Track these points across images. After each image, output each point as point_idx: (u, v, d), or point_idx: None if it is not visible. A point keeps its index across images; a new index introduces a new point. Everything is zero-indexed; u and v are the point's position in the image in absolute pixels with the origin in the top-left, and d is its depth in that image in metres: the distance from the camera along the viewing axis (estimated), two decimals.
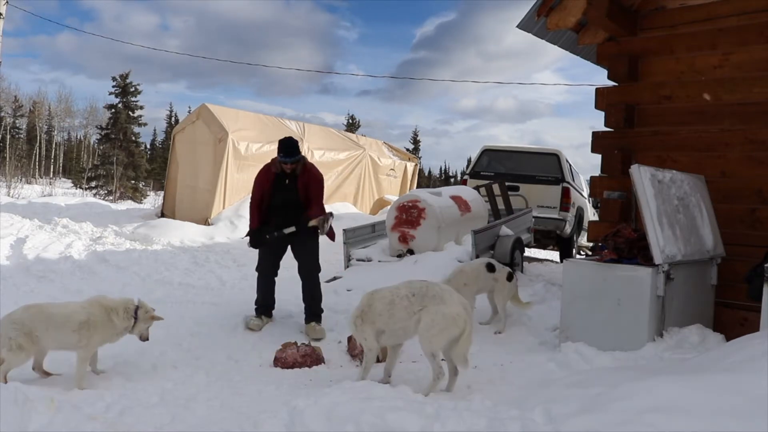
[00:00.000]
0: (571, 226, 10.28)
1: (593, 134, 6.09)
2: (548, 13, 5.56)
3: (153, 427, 3.15)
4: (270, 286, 5.49)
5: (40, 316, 3.75)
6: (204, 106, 12.26)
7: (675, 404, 2.51)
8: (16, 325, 3.66)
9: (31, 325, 3.69)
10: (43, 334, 3.72)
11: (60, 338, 3.78)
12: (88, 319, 3.81)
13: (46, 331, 3.73)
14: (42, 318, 3.74)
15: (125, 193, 30.66)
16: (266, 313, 5.47)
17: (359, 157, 14.85)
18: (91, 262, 8.25)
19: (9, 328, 3.65)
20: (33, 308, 3.82)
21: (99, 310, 3.91)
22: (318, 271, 5.50)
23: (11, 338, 3.62)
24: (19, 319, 3.70)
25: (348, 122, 48.35)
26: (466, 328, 3.74)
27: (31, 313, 3.75)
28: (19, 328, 3.65)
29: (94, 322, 3.83)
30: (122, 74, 32.55)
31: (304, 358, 4.48)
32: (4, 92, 46.68)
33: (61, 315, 3.80)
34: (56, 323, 3.76)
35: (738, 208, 5.22)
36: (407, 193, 9.92)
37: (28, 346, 3.67)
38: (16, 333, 3.63)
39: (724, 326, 4.88)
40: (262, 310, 5.46)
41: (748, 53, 5.23)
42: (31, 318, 3.72)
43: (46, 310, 3.81)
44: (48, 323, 3.74)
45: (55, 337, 3.77)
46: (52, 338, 3.77)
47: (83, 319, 3.80)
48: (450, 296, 3.85)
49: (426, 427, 2.87)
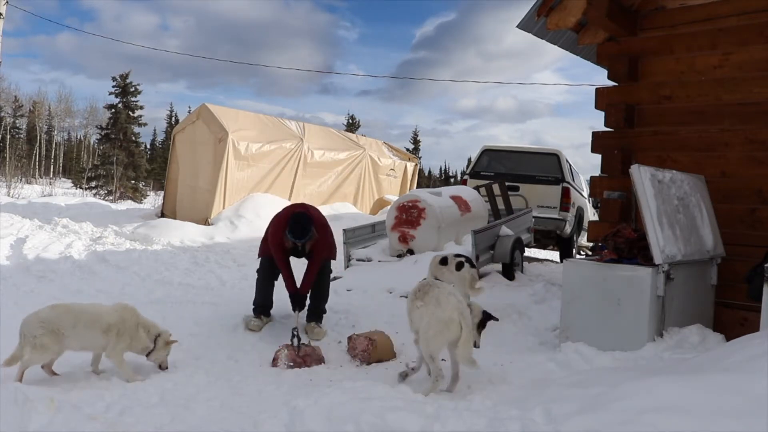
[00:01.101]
0: (571, 226, 10.29)
1: (593, 134, 6.09)
2: (548, 13, 5.56)
3: (153, 427, 3.15)
4: (270, 289, 5.45)
5: (68, 315, 3.79)
6: (204, 106, 12.27)
7: (675, 404, 2.51)
8: (44, 323, 3.69)
9: (58, 323, 3.72)
10: (70, 333, 3.75)
11: (87, 339, 3.84)
12: (117, 321, 3.90)
13: (74, 330, 3.76)
14: (70, 317, 3.78)
15: (125, 193, 30.66)
16: (265, 312, 5.43)
17: (359, 157, 14.85)
18: (91, 262, 8.25)
19: (35, 326, 3.68)
20: (60, 307, 3.86)
21: (130, 315, 4.02)
22: (330, 271, 5.49)
23: (36, 336, 3.64)
24: (46, 317, 3.73)
25: (348, 122, 48.37)
26: (462, 333, 3.66)
27: (58, 312, 3.78)
28: (45, 326, 3.67)
29: (123, 327, 3.92)
30: (122, 74, 32.56)
31: (304, 358, 4.48)
32: (4, 92, 46.77)
33: (90, 314, 3.87)
34: (84, 323, 3.81)
35: (738, 208, 5.22)
36: (407, 193, 9.93)
37: (52, 345, 3.70)
38: (42, 331, 3.65)
39: (724, 326, 4.88)
40: (260, 310, 5.42)
41: (748, 53, 5.23)
42: (59, 317, 3.75)
43: (73, 309, 3.87)
44: (76, 322, 3.78)
45: (83, 336, 3.81)
46: (79, 338, 3.80)
47: (113, 321, 3.88)
48: (447, 299, 3.78)
49: (426, 427, 2.87)
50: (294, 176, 13.02)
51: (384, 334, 4.77)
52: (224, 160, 11.44)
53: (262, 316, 5.40)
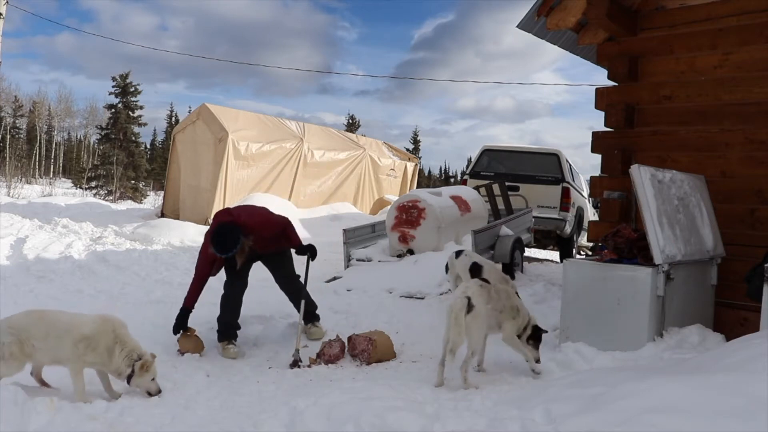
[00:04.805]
0: (571, 226, 10.28)
1: (593, 134, 6.09)
2: (548, 13, 5.56)
3: (153, 427, 3.15)
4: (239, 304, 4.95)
5: (41, 323, 3.44)
6: (204, 106, 12.28)
7: (675, 404, 2.51)
8: (12, 329, 3.36)
9: (29, 331, 3.37)
10: (41, 345, 3.39)
11: (59, 351, 3.43)
12: (92, 334, 3.47)
13: (45, 341, 3.39)
14: (42, 326, 3.42)
15: (125, 193, 30.65)
16: (235, 336, 4.87)
17: (359, 157, 14.85)
18: (91, 262, 8.26)
19: (4, 332, 3.34)
20: (34, 314, 3.52)
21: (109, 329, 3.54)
22: (296, 278, 5.11)
23: (4, 344, 3.31)
24: (16, 324, 3.40)
25: (348, 122, 48.37)
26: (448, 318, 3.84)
27: (31, 320, 3.45)
28: (15, 334, 3.34)
29: (96, 341, 3.47)
30: (122, 74, 32.57)
31: (342, 351, 4.64)
32: (4, 92, 46.80)
33: (65, 324, 3.48)
34: (57, 334, 3.42)
35: (738, 208, 5.22)
36: (407, 193, 9.93)
37: (20, 356, 3.34)
38: (11, 339, 3.33)
39: (724, 326, 4.88)
40: (232, 332, 4.85)
41: (748, 53, 5.23)
42: (30, 325, 3.41)
43: (47, 318, 3.50)
44: (48, 333, 3.40)
45: (55, 348, 3.42)
46: (50, 350, 3.42)
47: (88, 332, 3.46)
48: (458, 287, 4.07)
49: (426, 427, 2.87)
50: (294, 176, 13.02)
51: (384, 334, 4.77)
52: (224, 160, 11.45)
53: (233, 340, 4.83)
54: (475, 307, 3.81)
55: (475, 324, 3.81)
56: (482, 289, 3.98)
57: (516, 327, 4.14)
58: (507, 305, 4.11)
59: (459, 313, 3.78)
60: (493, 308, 3.99)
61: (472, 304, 3.81)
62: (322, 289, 6.65)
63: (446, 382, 3.92)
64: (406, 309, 5.96)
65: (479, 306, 3.84)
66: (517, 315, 4.15)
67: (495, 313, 4.01)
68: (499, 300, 4.05)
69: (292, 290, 5.10)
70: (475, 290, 3.92)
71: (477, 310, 3.82)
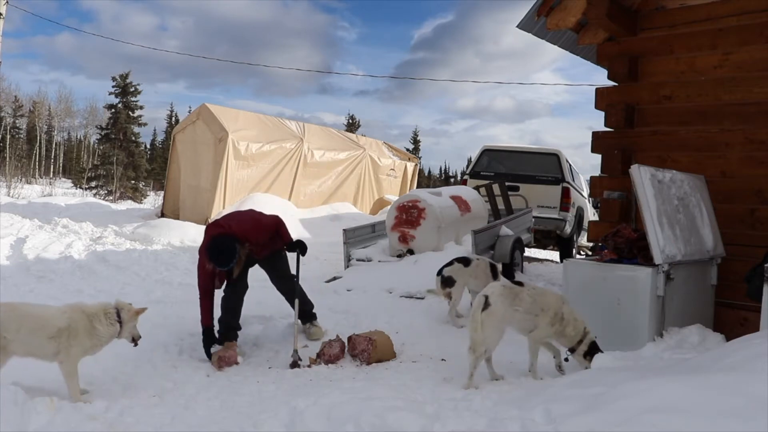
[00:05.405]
0: (571, 226, 10.29)
1: (593, 134, 6.09)
2: (548, 13, 5.57)
3: (153, 427, 3.16)
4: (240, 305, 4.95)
5: (12, 316, 3.35)
6: (204, 106, 12.28)
7: (675, 404, 2.51)
8: None
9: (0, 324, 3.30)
10: (14, 337, 3.32)
11: (33, 345, 3.38)
12: (68, 325, 3.43)
13: (17, 333, 3.32)
14: (13, 319, 3.34)
15: (125, 193, 30.65)
16: (235, 336, 4.85)
17: (359, 157, 14.85)
18: (91, 262, 8.26)
19: None
20: (5, 307, 3.41)
21: (80, 315, 3.52)
22: (291, 278, 5.06)
23: None
24: None
25: (348, 122, 48.37)
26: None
27: (2, 312, 3.35)
28: None
29: (75, 329, 3.44)
30: (122, 74, 32.55)
31: (342, 351, 4.63)
32: (4, 92, 46.78)
33: (36, 318, 3.41)
34: (29, 328, 3.36)
35: (738, 208, 5.22)
36: (407, 193, 9.93)
37: None
38: None
39: (724, 326, 4.88)
40: (232, 333, 4.82)
41: (748, 53, 5.23)
42: (2, 317, 3.32)
43: (19, 311, 3.42)
44: (20, 326, 3.33)
45: (28, 342, 3.37)
46: (23, 343, 3.36)
47: (62, 325, 3.41)
48: None
49: (426, 427, 2.87)
50: (294, 176, 13.02)
51: (384, 334, 4.77)
52: (224, 160, 11.45)
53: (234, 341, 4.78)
54: (491, 306, 3.82)
55: (489, 321, 3.82)
56: (505, 289, 3.97)
57: (548, 333, 4.02)
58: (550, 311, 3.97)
59: (476, 311, 3.84)
60: (525, 311, 3.93)
61: (489, 302, 3.83)
62: (322, 289, 6.65)
63: (447, 381, 3.93)
64: (406, 309, 5.96)
65: (496, 305, 3.84)
66: (559, 323, 3.98)
67: (529, 316, 3.94)
68: (534, 303, 3.98)
69: (287, 290, 5.12)
70: (495, 290, 3.94)
71: (493, 308, 3.82)
